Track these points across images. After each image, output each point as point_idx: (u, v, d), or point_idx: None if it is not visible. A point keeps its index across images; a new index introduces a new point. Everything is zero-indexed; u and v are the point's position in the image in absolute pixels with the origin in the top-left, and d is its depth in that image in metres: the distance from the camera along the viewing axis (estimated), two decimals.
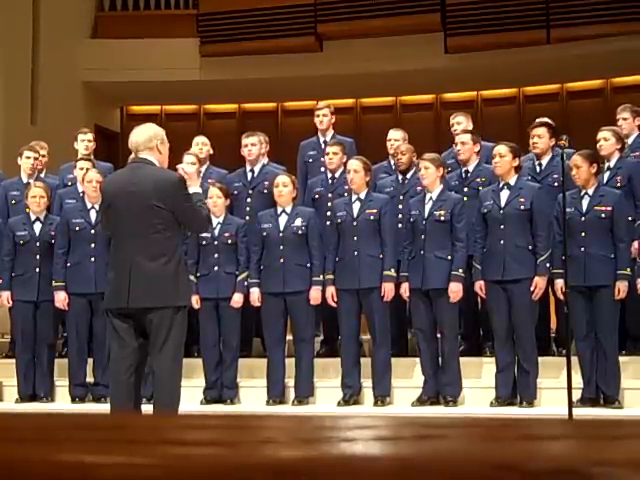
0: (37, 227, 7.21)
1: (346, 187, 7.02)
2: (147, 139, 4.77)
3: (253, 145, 7.52)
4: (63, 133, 9.15)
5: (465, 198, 6.67)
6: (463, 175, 7.02)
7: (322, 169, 7.53)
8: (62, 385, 7.20)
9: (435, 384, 6.46)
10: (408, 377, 6.88)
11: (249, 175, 7.55)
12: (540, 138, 6.88)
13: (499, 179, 6.45)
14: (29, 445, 0.99)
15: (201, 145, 7.89)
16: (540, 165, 6.92)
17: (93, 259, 6.98)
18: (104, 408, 6.51)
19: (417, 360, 6.67)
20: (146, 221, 4.64)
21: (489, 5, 11.38)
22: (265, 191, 7.36)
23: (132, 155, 5.02)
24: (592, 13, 10.94)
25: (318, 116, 7.81)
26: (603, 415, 5.93)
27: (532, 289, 6.21)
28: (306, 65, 11.85)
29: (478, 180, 6.93)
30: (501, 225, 6.31)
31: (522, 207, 6.29)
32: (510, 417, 5.68)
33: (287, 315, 6.79)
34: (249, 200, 7.46)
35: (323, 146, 7.63)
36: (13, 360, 7.32)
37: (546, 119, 7.20)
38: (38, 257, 7.15)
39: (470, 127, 7.48)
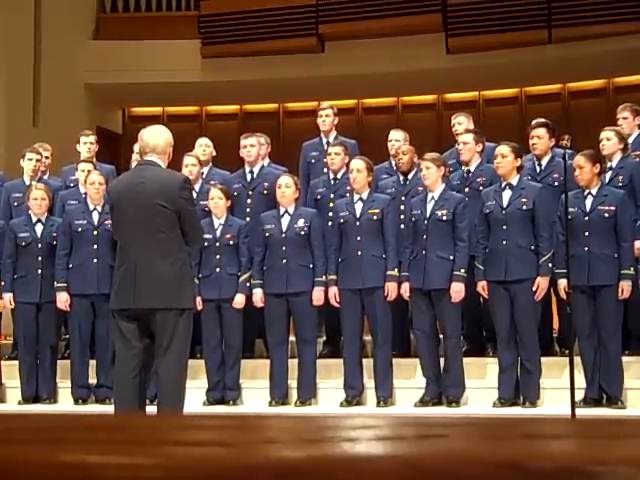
0: (39, 229, 7.21)
1: (348, 188, 7.02)
2: (166, 144, 4.83)
3: (252, 146, 7.52)
4: (65, 135, 9.15)
5: (466, 198, 6.67)
6: (465, 175, 7.02)
7: (324, 170, 7.53)
8: (65, 387, 7.21)
9: (438, 385, 6.46)
10: (411, 378, 6.87)
11: (248, 176, 7.55)
12: (540, 139, 6.89)
13: (501, 179, 6.44)
14: (31, 446, 0.99)
15: (204, 147, 7.90)
16: (540, 165, 6.92)
17: (96, 260, 6.99)
18: (107, 409, 6.52)
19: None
20: (151, 221, 4.65)
21: (490, 5, 11.38)
22: (265, 192, 7.37)
23: (134, 156, 5.03)
24: (594, 13, 10.93)
25: (321, 117, 7.82)
26: (606, 415, 5.93)
27: (534, 289, 6.21)
28: (308, 66, 11.86)
29: (479, 180, 6.93)
30: (503, 225, 6.31)
31: (524, 207, 6.28)
32: (512, 417, 5.68)
33: (290, 316, 6.79)
34: (249, 201, 7.46)
35: (326, 147, 7.62)
36: (16, 362, 7.32)
37: (543, 120, 7.18)
38: (40, 259, 7.15)
39: (471, 127, 7.47)
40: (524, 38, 11.18)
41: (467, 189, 6.89)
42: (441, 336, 6.51)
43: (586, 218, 6.21)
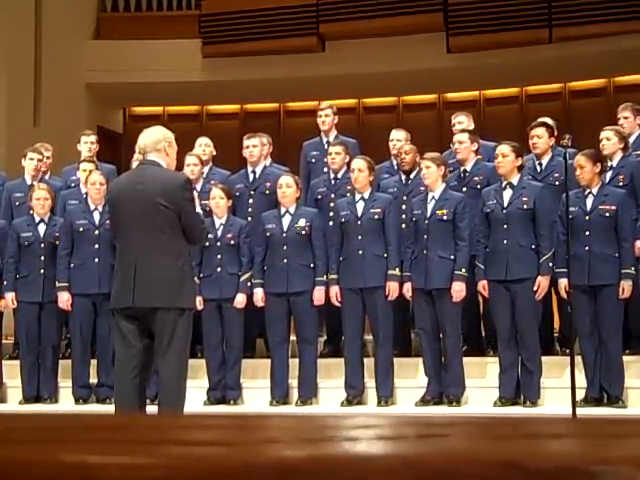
0: (41, 228, 7.22)
1: (349, 187, 7.03)
2: (155, 141, 4.79)
3: (254, 146, 7.53)
4: (66, 134, 9.15)
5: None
6: (461, 175, 7.01)
7: (325, 169, 7.53)
8: (65, 386, 7.21)
9: (438, 384, 6.46)
10: (412, 377, 6.87)
11: (251, 176, 7.56)
12: (539, 138, 6.89)
13: (501, 179, 6.44)
14: (32, 446, 0.99)
15: (204, 147, 7.90)
16: (540, 165, 6.92)
17: (97, 260, 6.99)
18: (107, 409, 6.52)
19: (421, 360, 6.67)
20: (152, 221, 4.65)
21: (491, 5, 11.38)
22: (267, 192, 7.37)
23: (136, 155, 5.03)
24: (594, 12, 10.93)
25: (320, 116, 7.82)
26: (607, 415, 5.92)
27: (535, 289, 6.21)
28: (308, 65, 11.86)
29: (477, 179, 6.93)
30: (504, 225, 6.31)
31: (525, 207, 6.28)
32: (513, 416, 5.68)
33: (290, 315, 6.80)
34: (251, 201, 7.47)
35: (326, 146, 7.63)
36: (17, 361, 7.33)
37: (545, 119, 7.19)
38: (42, 258, 7.16)
39: (471, 127, 7.48)
40: (525, 37, 11.17)
41: (465, 189, 6.89)
42: (441, 335, 6.50)
43: (587, 217, 6.21)
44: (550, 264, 6.24)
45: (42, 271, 7.14)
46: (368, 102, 13.02)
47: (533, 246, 6.26)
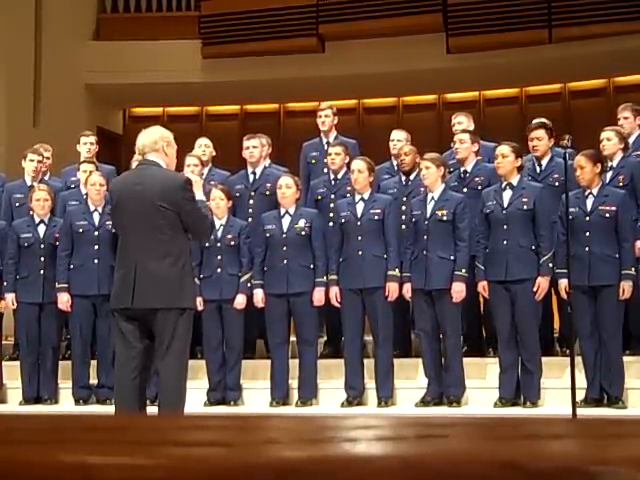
0: (41, 229, 7.22)
1: (349, 188, 7.03)
2: (153, 141, 4.78)
3: (254, 147, 7.53)
4: (65, 135, 9.15)
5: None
6: (462, 175, 7.01)
7: (325, 170, 7.53)
8: (65, 387, 7.21)
9: (439, 385, 6.46)
10: (412, 378, 6.87)
11: (251, 177, 7.56)
12: (540, 140, 6.89)
13: (501, 179, 6.44)
14: (32, 446, 0.99)
15: (204, 147, 7.90)
16: (540, 165, 6.92)
17: (97, 261, 6.99)
18: (108, 410, 6.52)
19: (421, 361, 6.67)
20: (152, 221, 4.64)
21: (491, 5, 11.38)
22: (267, 193, 7.37)
23: (135, 156, 5.03)
24: (594, 12, 10.93)
25: (320, 117, 7.83)
26: (607, 415, 5.92)
27: (535, 289, 6.21)
28: (308, 66, 11.86)
29: (477, 180, 6.93)
30: (504, 225, 6.31)
31: (525, 207, 6.29)
32: (513, 417, 5.67)
33: (290, 316, 6.80)
34: (251, 202, 7.47)
35: (326, 147, 7.63)
36: (17, 362, 7.32)
37: (543, 119, 7.18)
38: (42, 259, 7.16)
39: (471, 127, 7.48)
40: (524, 38, 11.17)
41: (465, 189, 6.89)
42: (441, 336, 6.50)
43: (587, 218, 6.21)
44: (550, 265, 6.24)
45: (42, 272, 7.14)
46: (368, 103, 13.02)
47: (533, 247, 6.26)
